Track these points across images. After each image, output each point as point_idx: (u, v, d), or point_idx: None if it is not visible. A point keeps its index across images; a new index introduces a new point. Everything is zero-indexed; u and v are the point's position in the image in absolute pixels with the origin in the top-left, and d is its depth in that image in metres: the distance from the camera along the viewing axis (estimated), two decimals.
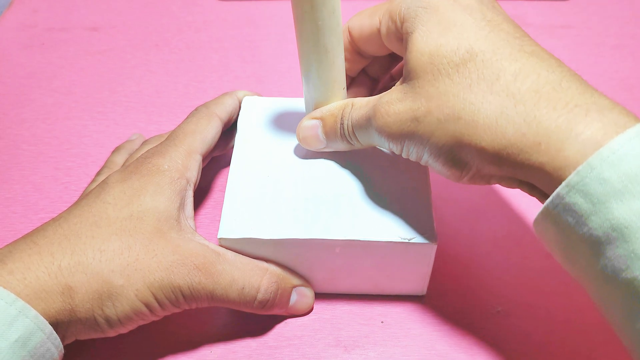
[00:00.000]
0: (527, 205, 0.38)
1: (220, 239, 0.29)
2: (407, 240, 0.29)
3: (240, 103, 0.36)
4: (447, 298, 0.33)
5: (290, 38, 0.51)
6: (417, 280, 0.32)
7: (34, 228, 0.28)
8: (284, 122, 0.35)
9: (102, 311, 0.26)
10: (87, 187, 0.34)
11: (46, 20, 0.52)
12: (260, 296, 0.29)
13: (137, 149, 0.35)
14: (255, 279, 0.29)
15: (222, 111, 0.34)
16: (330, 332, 0.31)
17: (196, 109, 0.35)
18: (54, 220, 0.28)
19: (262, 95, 0.37)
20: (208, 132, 0.33)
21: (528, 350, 0.31)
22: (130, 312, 0.26)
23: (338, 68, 0.30)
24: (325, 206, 0.30)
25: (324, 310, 0.32)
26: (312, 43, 0.28)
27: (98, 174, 0.35)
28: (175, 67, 0.48)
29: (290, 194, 0.31)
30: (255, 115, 0.35)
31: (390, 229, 0.29)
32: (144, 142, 0.36)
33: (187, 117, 0.34)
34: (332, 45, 0.29)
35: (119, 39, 0.50)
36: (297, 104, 0.36)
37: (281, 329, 0.31)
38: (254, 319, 0.32)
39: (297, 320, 0.32)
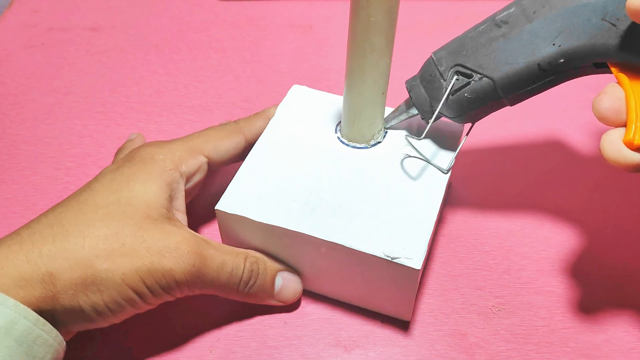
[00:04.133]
0: (527, 206, 0.38)
1: (216, 210, 0.30)
2: (389, 258, 0.28)
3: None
4: (446, 298, 0.33)
5: (290, 38, 0.51)
6: (401, 304, 0.30)
7: None
8: (321, 117, 0.35)
9: (87, 297, 0.25)
10: None
11: (46, 20, 0.52)
12: (245, 275, 0.29)
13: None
14: (239, 260, 0.29)
15: (249, 131, 0.34)
16: (330, 332, 0.31)
17: (226, 122, 0.35)
18: (42, 213, 0.28)
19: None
20: (225, 143, 0.33)
21: (528, 350, 0.31)
22: (118, 297, 0.25)
23: (380, 71, 0.29)
24: (325, 205, 0.30)
25: (324, 310, 0.32)
26: (360, 39, 0.28)
27: None
28: (175, 67, 0.48)
29: (297, 186, 0.31)
30: (297, 103, 0.36)
31: (378, 242, 0.28)
32: None
33: (215, 126, 0.34)
34: (380, 46, 0.28)
35: (119, 39, 0.50)
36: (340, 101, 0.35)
37: (281, 329, 0.31)
38: (253, 318, 0.32)
39: (297, 320, 0.32)
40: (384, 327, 0.32)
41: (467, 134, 0.32)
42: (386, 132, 0.34)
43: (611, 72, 0.26)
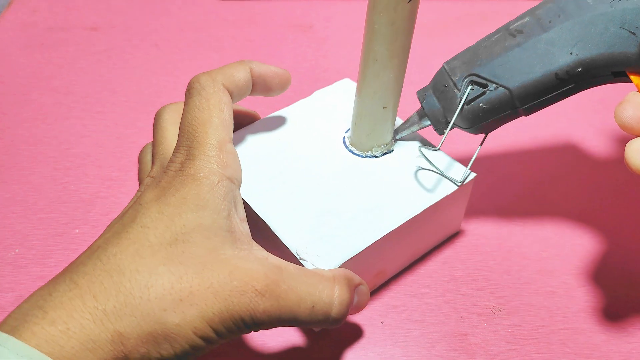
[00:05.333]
0: (527, 206, 0.38)
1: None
2: (297, 257, 0.28)
3: (252, 76, 0.30)
4: (447, 298, 0.33)
5: (290, 38, 0.51)
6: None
7: (71, 261, 0.25)
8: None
9: (159, 354, 0.23)
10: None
11: (46, 20, 0.52)
12: (335, 313, 0.26)
13: (158, 144, 0.30)
14: (326, 293, 0.26)
15: (229, 82, 0.29)
16: (330, 332, 0.31)
17: (197, 81, 0.28)
18: (91, 249, 0.25)
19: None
20: (224, 112, 0.28)
21: (528, 350, 0.31)
22: (188, 349, 0.24)
23: (382, 82, 0.29)
24: (365, 205, 0.30)
25: None
26: (366, 46, 0.28)
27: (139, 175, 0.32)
28: (175, 67, 0.48)
29: (331, 214, 0.30)
30: (334, 95, 0.36)
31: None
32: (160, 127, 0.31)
33: (192, 95, 0.28)
34: (382, 56, 0.28)
35: (119, 39, 0.50)
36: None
37: (281, 329, 0.31)
38: None
39: None
40: (384, 327, 0.32)
41: (480, 145, 0.31)
42: (391, 149, 0.33)
43: (630, 81, 0.26)
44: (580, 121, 0.43)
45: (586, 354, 0.31)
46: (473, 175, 0.31)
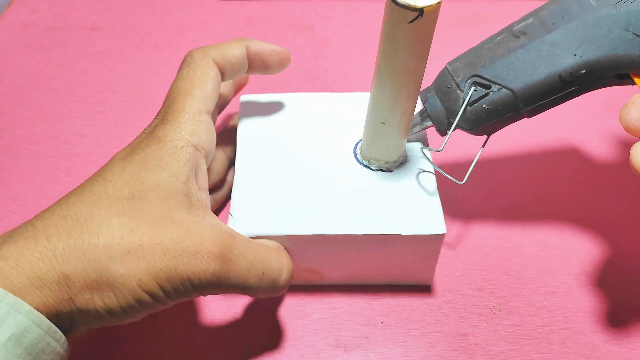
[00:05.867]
0: (527, 206, 0.38)
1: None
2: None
3: (249, 53, 0.31)
4: (447, 298, 0.33)
5: (290, 38, 0.51)
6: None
7: None
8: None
9: (102, 302, 0.24)
10: None
11: (46, 20, 0.52)
12: (283, 280, 0.27)
13: None
14: (275, 261, 0.27)
15: (221, 57, 0.30)
16: (330, 332, 0.31)
17: (190, 54, 0.30)
18: (57, 201, 0.26)
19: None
20: (207, 85, 0.29)
21: (528, 350, 0.31)
22: (133, 302, 0.24)
23: (382, 96, 0.28)
24: (334, 202, 0.30)
25: (324, 311, 0.32)
26: (378, 54, 0.27)
27: None
28: (175, 67, 0.47)
29: (298, 191, 0.31)
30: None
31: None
32: None
33: (182, 67, 0.30)
34: (382, 71, 0.27)
35: (119, 39, 0.50)
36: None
37: (281, 329, 0.31)
38: (253, 318, 0.32)
39: (297, 320, 0.32)
40: (384, 327, 0.32)
41: (482, 147, 0.31)
42: (391, 170, 0.32)
43: (634, 83, 0.26)
44: (580, 122, 0.43)
45: (586, 354, 0.31)
46: (443, 230, 0.29)
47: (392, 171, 0.32)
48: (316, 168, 0.32)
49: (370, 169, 0.32)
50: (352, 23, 0.52)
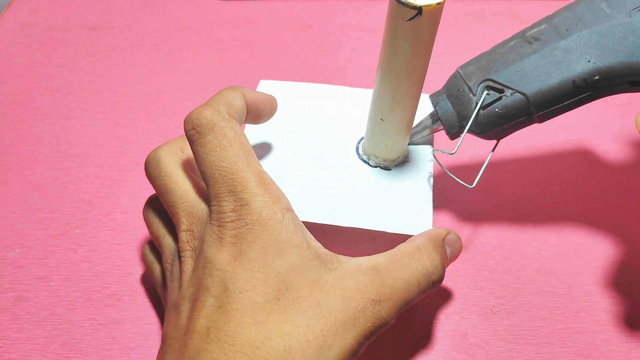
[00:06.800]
0: (527, 206, 0.38)
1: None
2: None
3: (245, 103, 0.30)
4: (447, 298, 0.33)
5: (290, 38, 0.51)
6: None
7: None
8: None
9: None
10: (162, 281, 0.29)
11: (46, 20, 0.52)
12: (435, 277, 0.27)
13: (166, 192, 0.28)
14: (421, 265, 0.26)
15: (232, 112, 0.28)
16: None
17: (203, 117, 0.26)
18: (199, 334, 0.23)
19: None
20: (245, 144, 0.26)
21: (528, 350, 0.31)
22: None
23: (381, 93, 0.28)
24: (328, 193, 0.31)
25: None
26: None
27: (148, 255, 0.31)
28: (175, 67, 0.48)
29: (296, 179, 0.31)
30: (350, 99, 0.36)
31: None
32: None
33: (204, 135, 0.26)
34: (383, 67, 0.27)
35: (119, 39, 0.50)
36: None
37: None
38: None
39: None
40: None
41: (492, 151, 0.31)
42: (389, 168, 0.32)
43: None
44: (580, 122, 0.43)
45: (586, 354, 0.31)
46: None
47: (390, 169, 0.32)
48: (317, 159, 0.32)
49: (369, 165, 0.32)
50: (352, 23, 0.52)
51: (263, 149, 0.33)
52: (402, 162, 0.32)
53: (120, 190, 0.38)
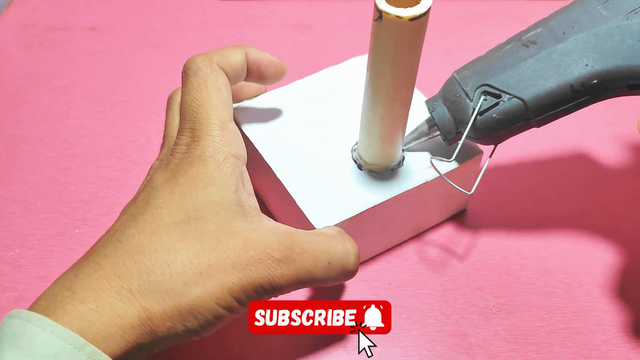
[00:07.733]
0: (526, 206, 0.38)
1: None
2: (305, 214, 0.30)
3: (247, 60, 0.31)
4: (447, 298, 0.33)
5: (290, 38, 0.51)
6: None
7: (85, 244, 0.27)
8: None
9: (184, 326, 0.24)
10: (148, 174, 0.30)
11: (45, 19, 0.52)
12: (352, 264, 0.27)
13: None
14: (340, 248, 0.27)
15: (225, 63, 0.30)
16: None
17: (193, 62, 0.29)
18: (109, 233, 0.26)
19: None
20: (222, 92, 0.29)
21: (528, 350, 0.31)
22: (212, 319, 0.24)
23: (366, 97, 0.28)
24: (320, 191, 0.31)
25: None
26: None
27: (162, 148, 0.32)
28: (175, 67, 0.48)
29: (336, 172, 0.32)
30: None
31: (309, 200, 0.30)
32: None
33: (188, 76, 0.29)
34: (369, 69, 0.27)
35: (118, 39, 0.50)
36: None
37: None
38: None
39: None
40: None
41: (490, 156, 0.31)
42: (392, 169, 0.32)
43: None
44: (578, 124, 0.43)
45: (586, 354, 0.31)
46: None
47: (377, 173, 0.32)
48: (313, 156, 0.32)
49: (359, 168, 0.32)
50: (352, 23, 0.52)
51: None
52: (393, 169, 0.32)
53: (120, 190, 0.38)
